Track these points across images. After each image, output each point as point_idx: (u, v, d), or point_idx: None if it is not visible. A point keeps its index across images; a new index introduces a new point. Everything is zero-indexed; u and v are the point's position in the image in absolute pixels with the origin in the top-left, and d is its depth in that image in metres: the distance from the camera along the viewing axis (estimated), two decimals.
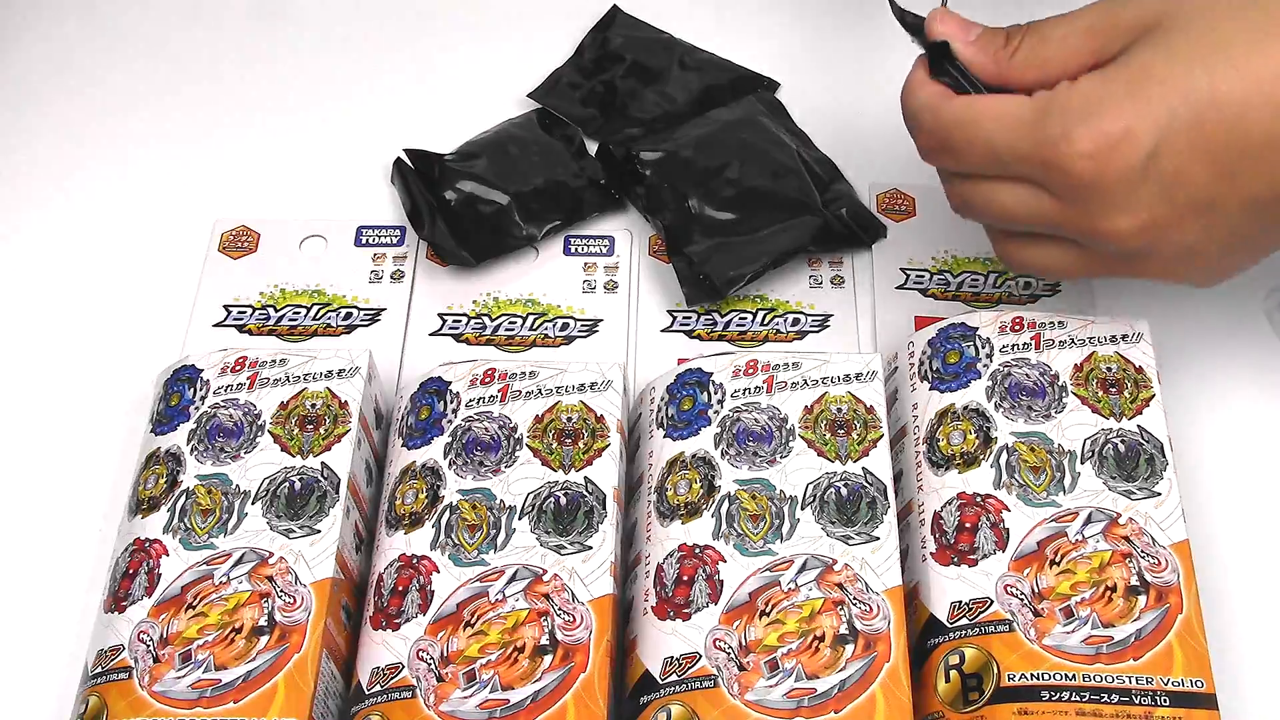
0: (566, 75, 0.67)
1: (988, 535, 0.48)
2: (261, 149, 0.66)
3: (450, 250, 0.59)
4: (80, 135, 0.66)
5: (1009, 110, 0.45)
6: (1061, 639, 0.45)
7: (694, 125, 0.63)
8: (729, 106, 0.64)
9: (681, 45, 0.68)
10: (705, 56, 0.68)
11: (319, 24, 0.71)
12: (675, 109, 0.65)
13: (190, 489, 0.49)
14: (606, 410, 0.51)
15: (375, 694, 0.45)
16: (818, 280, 0.60)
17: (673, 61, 0.67)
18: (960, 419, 0.50)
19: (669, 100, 0.66)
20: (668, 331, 0.59)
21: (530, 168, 0.62)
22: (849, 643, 0.45)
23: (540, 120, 0.65)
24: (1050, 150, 0.44)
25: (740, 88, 0.66)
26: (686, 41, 0.68)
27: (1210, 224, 0.45)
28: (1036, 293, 0.59)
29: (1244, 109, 0.42)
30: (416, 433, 0.51)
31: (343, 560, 0.48)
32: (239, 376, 0.52)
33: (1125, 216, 0.44)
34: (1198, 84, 0.42)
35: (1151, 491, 0.48)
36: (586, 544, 0.48)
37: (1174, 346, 0.57)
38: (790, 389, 0.51)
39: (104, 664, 0.45)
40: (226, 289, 0.60)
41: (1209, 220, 0.44)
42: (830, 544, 0.47)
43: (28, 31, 0.70)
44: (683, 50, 0.68)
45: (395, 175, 0.62)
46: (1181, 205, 0.44)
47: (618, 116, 0.65)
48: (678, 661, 0.45)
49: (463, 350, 0.58)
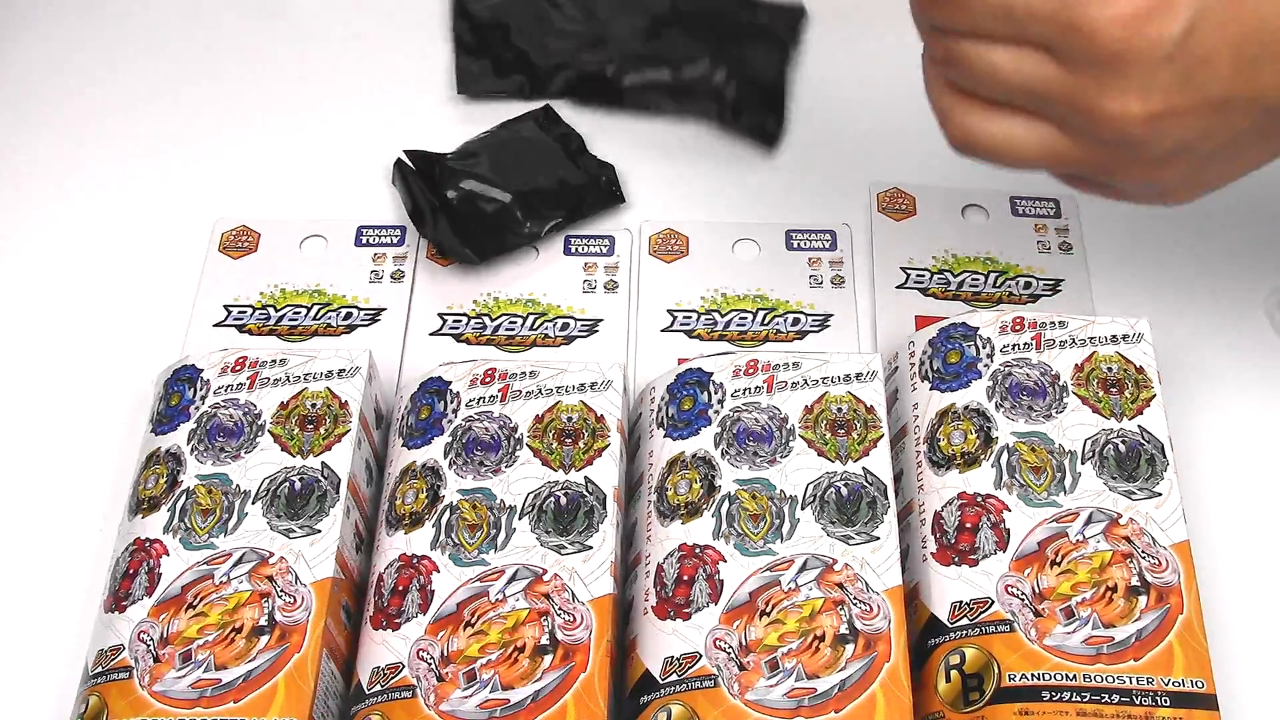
0: (471, 63, 0.68)
1: (988, 535, 0.48)
2: (261, 149, 0.66)
3: (453, 248, 0.59)
4: (80, 135, 0.66)
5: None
6: (1062, 639, 0.45)
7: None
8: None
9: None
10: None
11: (319, 24, 0.71)
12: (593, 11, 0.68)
13: (190, 489, 0.49)
14: (606, 410, 0.51)
15: (375, 694, 0.45)
16: (818, 280, 0.60)
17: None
18: (961, 419, 0.50)
19: (583, 12, 0.68)
20: (668, 331, 0.59)
21: (531, 166, 0.63)
22: (849, 642, 0.45)
23: (538, 120, 0.65)
24: (1079, 8, 0.39)
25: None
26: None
27: (1214, 122, 0.41)
28: (1037, 293, 0.59)
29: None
30: (417, 433, 0.51)
31: (343, 560, 0.48)
32: (239, 376, 0.52)
33: (1138, 99, 0.40)
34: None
35: (1152, 492, 0.48)
36: (587, 544, 0.48)
37: (1174, 346, 0.57)
38: (790, 389, 0.51)
39: (104, 664, 0.45)
40: (226, 289, 0.60)
41: (1214, 118, 0.41)
42: (830, 544, 0.47)
43: (28, 31, 0.70)
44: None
45: (396, 176, 0.62)
46: (1196, 96, 0.40)
47: (544, 68, 0.67)
48: (678, 661, 0.45)
49: (463, 350, 0.58)
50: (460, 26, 0.69)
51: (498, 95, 0.66)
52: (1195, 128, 0.41)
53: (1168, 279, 0.60)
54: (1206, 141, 0.42)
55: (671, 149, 0.65)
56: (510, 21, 0.69)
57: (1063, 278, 0.60)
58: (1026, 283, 0.59)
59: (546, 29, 0.69)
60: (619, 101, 0.66)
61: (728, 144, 0.65)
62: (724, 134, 0.64)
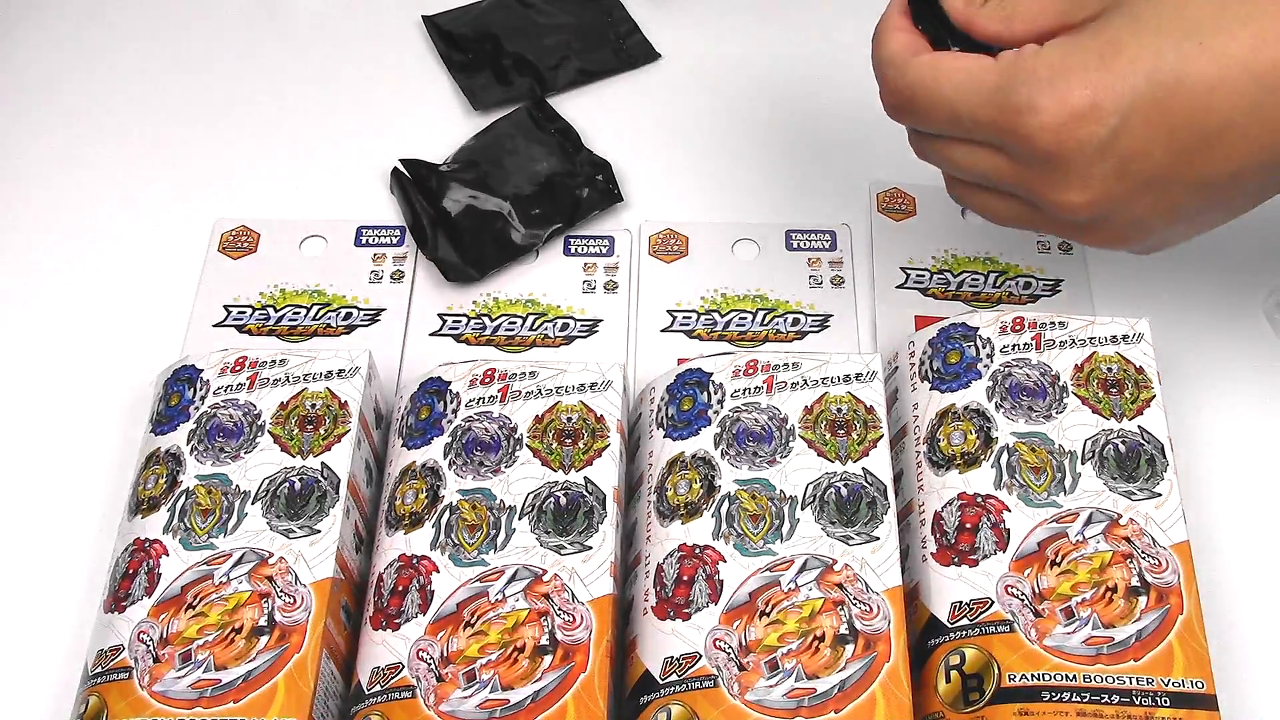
0: (472, 80, 0.68)
1: (988, 535, 0.48)
2: (261, 149, 0.66)
3: (455, 266, 0.59)
4: (80, 135, 0.66)
5: (973, 74, 0.44)
6: (1062, 639, 0.45)
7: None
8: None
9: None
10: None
11: (320, 24, 0.71)
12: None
13: (190, 489, 0.49)
14: (606, 410, 0.51)
15: (375, 694, 0.45)
16: (818, 280, 0.60)
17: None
18: (961, 419, 0.50)
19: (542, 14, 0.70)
20: (668, 331, 0.59)
21: (527, 168, 0.63)
22: (849, 643, 0.45)
23: (531, 115, 0.65)
24: (1013, 118, 0.43)
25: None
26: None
27: (1160, 201, 0.45)
28: (1037, 293, 0.59)
29: (1208, 92, 0.42)
30: (416, 433, 0.51)
31: (343, 560, 0.48)
32: (239, 376, 0.52)
33: (1078, 191, 0.44)
34: (1165, 62, 0.42)
35: (1152, 492, 0.48)
36: (586, 544, 0.48)
37: (1174, 346, 0.57)
38: (790, 389, 0.51)
39: (104, 664, 0.45)
40: (226, 289, 0.60)
41: (1159, 197, 0.44)
42: (830, 544, 0.47)
43: (28, 31, 0.70)
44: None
45: (394, 185, 0.63)
46: (1135, 183, 0.44)
47: (544, 66, 0.68)
48: (678, 661, 0.45)
49: (463, 350, 0.58)
50: (445, 48, 0.69)
51: (511, 103, 0.66)
52: (1141, 206, 0.45)
53: (1168, 279, 0.60)
54: (1156, 215, 0.45)
55: (671, 148, 0.65)
56: (496, 30, 0.69)
57: (1062, 278, 0.60)
58: (1026, 283, 0.59)
59: (532, 28, 0.69)
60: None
61: (728, 144, 0.65)
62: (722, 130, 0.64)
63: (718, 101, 0.67)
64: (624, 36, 0.69)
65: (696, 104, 0.67)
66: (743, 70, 0.68)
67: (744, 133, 0.66)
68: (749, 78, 0.68)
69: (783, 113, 0.66)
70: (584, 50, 0.68)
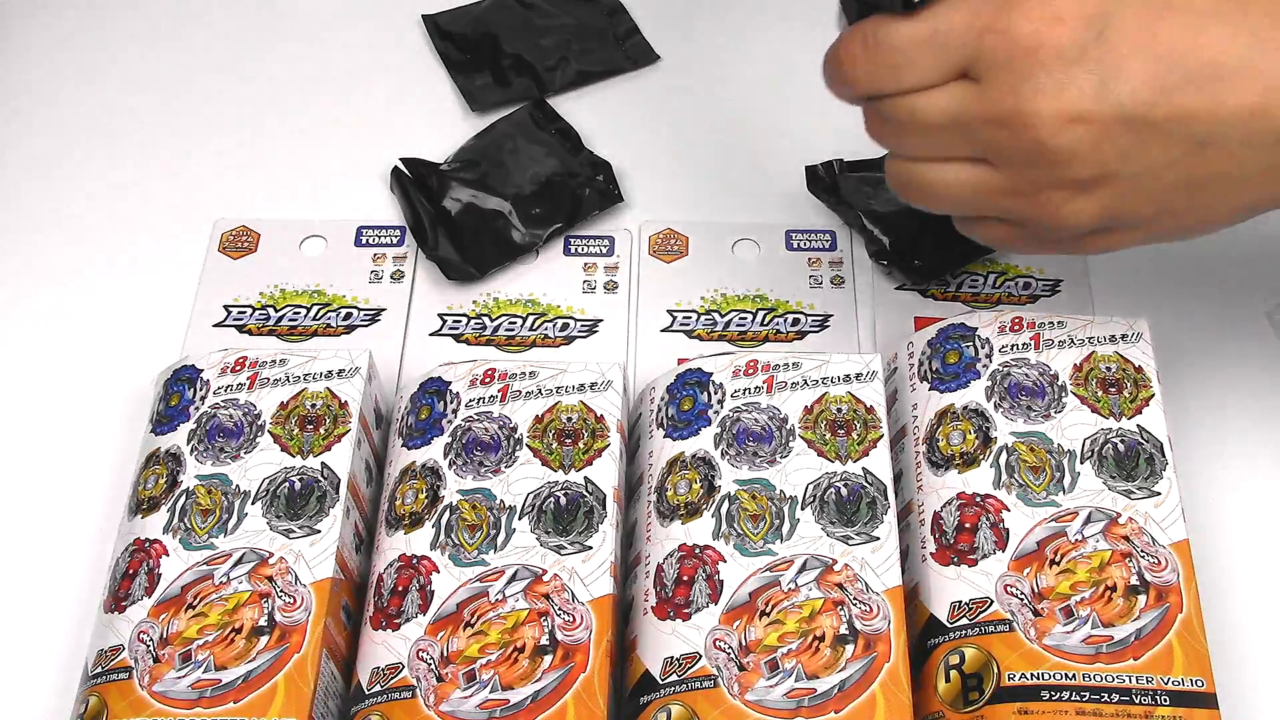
0: (471, 81, 0.68)
1: (987, 535, 0.48)
2: (261, 149, 0.66)
3: (455, 265, 0.59)
4: (81, 135, 0.66)
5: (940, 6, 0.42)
6: (1061, 639, 0.45)
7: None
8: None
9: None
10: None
11: (320, 24, 0.71)
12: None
13: (190, 489, 0.49)
14: (606, 410, 0.51)
15: (375, 694, 0.45)
16: (818, 280, 0.60)
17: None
18: (960, 419, 0.50)
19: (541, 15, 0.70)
20: (668, 331, 0.59)
21: (527, 168, 0.63)
22: (849, 643, 0.45)
23: (531, 116, 0.65)
24: (998, 14, 0.41)
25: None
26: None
27: (1132, 144, 0.42)
28: (1036, 293, 0.59)
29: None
30: (416, 433, 0.51)
31: (343, 560, 0.48)
32: (239, 377, 0.52)
33: (1050, 98, 0.41)
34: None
35: (1151, 491, 0.48)
36: (586, 544, 0.48)
37: (1174, 346, 0.57)
38: (790, 389, 0.51)
39: (104, 664, 0.45)
40: (226, 289, 0.60)
41: (1133, 139, 0.42)
42: (830, 544, 0.47)
43: (27, 31, 0.70)
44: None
45: (394, 184, 0.63)
46: (1110, 106, 0.41)
47: (543, 67, 0.68)
48: (678, 661, 0.45)
49: (463, 350, 0.58)
50: (444, 48, 0.69)
51: (510, 104, 0.66)
52: (1114, 146, 0.42)
53: (1167, 279, 0.60)
54: (1126, 164, 0.42)
55: (671, 149, 0.65)
56: (496, 31, 0.69)
57: (1062, 278, 0.60)
58: (1026, 283, 0.59)
59: (532, 29, 0.69)
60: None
61: (728, 144, 0.65)
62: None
63: (718, 102, 0.67)
64: (624, 37, 0.69)
65: (696, 104, 0.67)
66: (743, 70, 0.68)
67: (744, 133, 0.66)
68: (749, 78, 0.68)
69: (783, 113, 0.66)
70: (583, 51, 0.68)
